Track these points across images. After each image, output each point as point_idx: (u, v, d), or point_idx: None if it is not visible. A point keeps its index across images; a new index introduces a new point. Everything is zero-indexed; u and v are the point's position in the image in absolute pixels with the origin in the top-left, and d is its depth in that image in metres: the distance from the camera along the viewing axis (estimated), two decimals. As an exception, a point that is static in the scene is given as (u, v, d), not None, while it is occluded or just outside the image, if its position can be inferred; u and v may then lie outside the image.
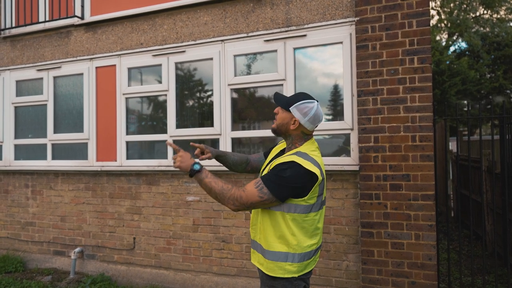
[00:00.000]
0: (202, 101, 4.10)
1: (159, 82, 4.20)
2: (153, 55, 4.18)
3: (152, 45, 4.19)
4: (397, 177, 3.17)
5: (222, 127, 3.86)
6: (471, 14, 17.31)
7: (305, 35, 3.56)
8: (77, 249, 4.37)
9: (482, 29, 16.97)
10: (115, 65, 4.37)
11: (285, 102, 1.86)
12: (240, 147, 3.89)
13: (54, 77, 4.72)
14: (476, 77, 14.14)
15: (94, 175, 4.45)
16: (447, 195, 5.02)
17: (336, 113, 3.55)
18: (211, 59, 3.93)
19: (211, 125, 3.93)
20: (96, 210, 4.43)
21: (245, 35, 3.77)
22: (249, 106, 3.92)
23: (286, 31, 3.62)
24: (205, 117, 4.02)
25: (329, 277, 3.44)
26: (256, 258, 1.91)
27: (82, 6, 4.59)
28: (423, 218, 3.08)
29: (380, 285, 3.19)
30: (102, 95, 4.45)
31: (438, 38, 16.03)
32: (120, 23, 4.36)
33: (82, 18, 4.57)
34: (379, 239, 3.20)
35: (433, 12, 17.63)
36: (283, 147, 2.03)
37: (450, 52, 16.17)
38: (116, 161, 4.32)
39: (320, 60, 3.60)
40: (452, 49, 17.17)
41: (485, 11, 17.62)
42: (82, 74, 4.54)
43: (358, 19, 3.33)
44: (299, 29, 3.58)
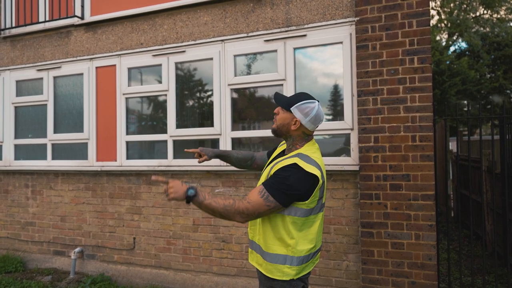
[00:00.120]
0: (202, 101, 4.10)
1: (159, 82, 4.20)
2: (153, 55, 4.18)
3: (152, 45, 4.19)
4: (397, 177, 3.17)
5: (222, 127, 3.86)
6: (471, 14, 17.32)
7: (305, 35, 3.56)
8: (77, 249, 4.37)
9: (482, 29, 16.98)
10: (115, 65, 4.37)
11: (286, 102, 1.84)
12: (240, 147, 3.89)
13: (54, 77, 4.72)
14: (476, 77, 14.15)
15: (94, 175, 4.45)
16: (447, 195, 5.01)
17: (336, 113, 3.55)
18: (211, 59, 3.93)
19: (211, 125, 3.92)
20: (96, 210, 4.43)
21: (245, 35, 3.77)
22: (249, 106, 3.92)
23: (286, 31, 3.62)
24: (205, 117, 4.02)
25: (329, 277, 3.44)
26: (254, 259, 1.90)
27: (82, 6, 4.59)
28: (423, 218, 3.08)
29: (380, 285, 3.19)
30: (102, 95, 4.45)
31: (438, 38, 16.03)
32: (120, 23, 4.36)
33: (82, 18, 4.57)
34: (379, 239, 3.20)
35: (433, 12, 17.63)
36: (284, 148, 2.00)
37: (450, 52, 16.18)
38: (116, 161, 4.32)
39: (320, 60, 3.60)
40: (452, 49, 17.19)
41: (485, 11, 17.62)
42: (82, 74, 4.54)
43: (358, 19, 3.33)
44: (299, 29, 3.57)
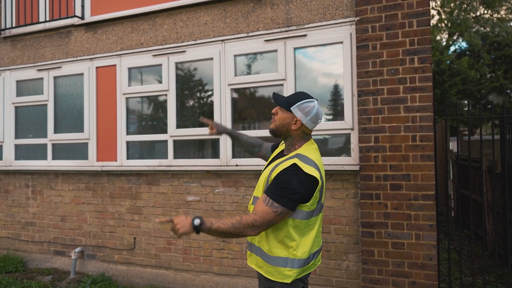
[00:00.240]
0: (202, 101, 4.10)
1: (159, 82, 4.20)
2: (153, 55, 4.18)
3: (152, 45, 4.19)
4: (397, 177, 3.16)
5: (222, 127, 3.86)
6: (472, 14, 17.31)
7: (305, 35, 3.56)
8: (77, 249, 4.37)
9: (482, 29, 16.97)
10: (115, 65, 4.37)
11: (285, 102, 1.84)
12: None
13: (55, 77, 4.72)
14: (476, 77, 14.14)
15: (95, 175, 4.45)
16: (447, 195, 5.02)
17: (337, 113, 3.55)
18: (211, 59, 3.93)
19: (211, 125, 3.92)
20: (97, 210, 4.43)
21: (245, 35, 3.77)
22: (249, 106, 3.92)
23: (286, 31, 3.62)
24: (205, 117, 4.02)
25: (329, 277, 3.44)
26: (253, 261, 1.90)
27: (82, 6, 4.59)
28: (424, 218, 3.08)
29: (381, 285, 3.19)
30: (102, 95, 4.45)
31: (438, 38, 16.03)
32: (120, 23, 4.36)
33: (82, 18, 4.57)
34: (380, 239, 3.20)
35: (433, 12, 17.62)
36: (283, 148, 1.99)
37: (450, 52, 16.18)
38: (116, 161, 4.32)
39: (320, 60, 3.60)
40: (453, 49, 17.19)
41: (486, 11, 17.62)
42: (82, 74, 4.54)
43: (358, 19, 3.32)
44: (299, 29, 3.57)
